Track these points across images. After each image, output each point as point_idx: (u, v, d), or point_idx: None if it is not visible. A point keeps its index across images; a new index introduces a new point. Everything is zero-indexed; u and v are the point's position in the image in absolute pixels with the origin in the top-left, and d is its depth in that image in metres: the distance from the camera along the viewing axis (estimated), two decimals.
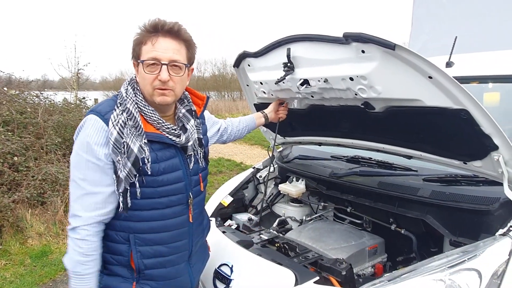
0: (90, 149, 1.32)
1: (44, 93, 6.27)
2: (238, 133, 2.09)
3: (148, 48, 1.35)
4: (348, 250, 1.95)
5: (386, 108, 1.72)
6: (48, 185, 4.67)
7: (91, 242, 1.34)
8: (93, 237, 1.35)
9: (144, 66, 1.35)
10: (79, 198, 1.34)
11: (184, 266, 1.53)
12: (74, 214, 1.34)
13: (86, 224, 1.33)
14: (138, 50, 1.38)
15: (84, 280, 1.35)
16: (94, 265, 1.37)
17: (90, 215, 1.33)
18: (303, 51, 1.75)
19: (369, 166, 2.30)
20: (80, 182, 1.33)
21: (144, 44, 1.36)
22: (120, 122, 1.32)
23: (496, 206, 1.61)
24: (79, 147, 1.34)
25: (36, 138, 5.03)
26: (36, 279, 3.60)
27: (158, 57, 1.34)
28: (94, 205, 1.33)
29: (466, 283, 1.27)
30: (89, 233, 1.34)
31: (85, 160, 1.32)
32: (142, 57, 1.36)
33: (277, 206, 2.73)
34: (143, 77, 1.37)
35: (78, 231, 1.33)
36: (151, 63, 1.35)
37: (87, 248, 1.34)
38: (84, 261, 1.34)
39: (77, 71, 9.91)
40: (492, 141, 1.47)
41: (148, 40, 1.36)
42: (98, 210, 1.34)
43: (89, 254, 1.34)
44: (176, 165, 1.44)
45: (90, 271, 1.36)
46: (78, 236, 1.33)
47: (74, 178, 1.35)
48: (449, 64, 2.35)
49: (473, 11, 3.31)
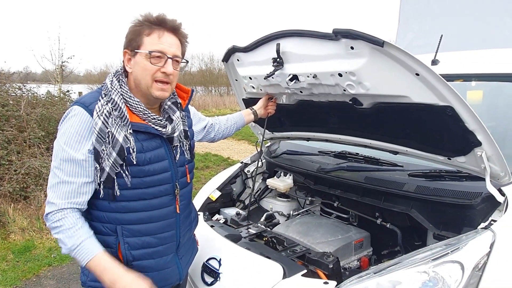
0: (70, 140, 1.33)
1: (26, 85, 6.11)
2: (226, 131, 2.10)
3: (154, 40, 1.37)
4: (335, 244, 1.98)
5: (373, 104, 1.74)
6: (31, 179, 4.58)
7: (68, 218, 1.33)
8: (69, 214, 1.34)
9: (150, 57, 1.37)
10: (53, 185, 1.35)
11: (172, 257, 1.54)
12: (48, 201, 1.35)
13: (60, 209, 1.33)
14: (138, 40, 1.38)
15: (83, 248, 1.33)
16: (83, 233, 1.34)
17: (63, 202, 1.34)
18: (292, 46, 1.76)
19: (356, 161, 2.33)
20: (56, 170, 1.35)
21: (147, 35, 1.38)
22: (104, 112, 1.33)
23: (478, 201, 1.65)
24: (60, 136, 1.35)
25: (18, 131, 4.92)
26: (19, 275, 3.54)
27: (165, 50, 1.38)
28: (67, 193, 1.34)
29: (449, 275, 1.30)
30: (64, 214, 1.33)
31: (63, 151, 1.33)
32: (145, 47, 1.37)
33: (265, 200, 2.74)
34: (144, 67, 1.38)
35: (53, 216, 1.33)
36: (158, 55, 1.37)
37: (67, 223, 1.32)
38: (70, 234, 1.32)
39: (61, 64, 9.71)
40: (475, 137, 1.51)
41: (152, 32, 1.38)
42: (71, 199, 1.35)
43: (71, 227, 1.33)
44: (162, 155, 1.46)
45: (82, 238, 1.33)
46: (54, 219, 1.33)
47: (52, 167, 1.37)
48: (435, 62, 2.39)
49: (458, 10, 3.37)
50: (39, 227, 4.35)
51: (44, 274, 3.61)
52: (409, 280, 1.33)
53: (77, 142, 1.33)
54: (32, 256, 3.89)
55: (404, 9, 3.84)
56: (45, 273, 3.63)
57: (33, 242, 4.12)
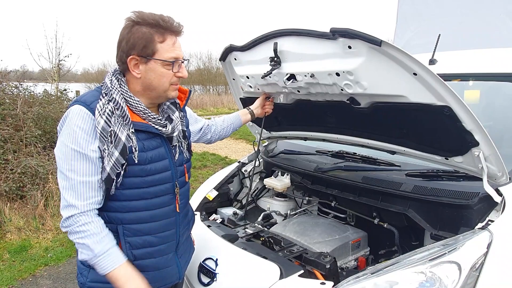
0: (78, 139, 1.31)
1: (23, 84, 6.08)
2: (223, 132, 2.10)
3: (168, 46, 1.38)
4: (332, 243, 1.98)
5: (371, 104, 1.74)
6: (28, 178, 4.56)
7: (94, 223, 1.33)
8: (94, 218, 1.34)
9: (167, 64, 1.39)
10: (69, 188, 1.32)
11: (172, 256, 1.54)
12: (68, 205, 1.32)
13: (83, 212, 1.32)
14: (152, 47, 1.36)
15: (110, 256, 1.33)
16: (110, 240, 1.35)
17: (84, 203, 1.32)
18: (290, 45, 1.75)
19: (354, 161, 2.33)
20: (69, 173, 1.32)
21: (161, 42, 1.37)
22: (107, 111, 1.32)
23: (475, 201, 1.65)
24: (65, 137, 1.33)
25: (15, 130, 4.90)
26: (15, 274, 3.53)
27: (179, 56, 1.42)
28: (86, 194, 1.33)
29: (446, 275, 1.30)
30: (88, 218, 1.33)
31: (73, 151, 1.31)
32: (160, 55, 1.37)
33: (262, 200, 2.74)
34: (162, 74, 1.40)
35: (76, 219, 1.32)
36: (179, 62, 1.42)
37: (94, 227, 1.32)
38: (99, 239, 1.32)
39: (58, 62, 9.66)
40: (473, 137, 1.51)
41: (166, 38, 1.38)
42: (91, 198, 1.34)
43: (99, 232, 1.33)
44: (163, 154, 1.46)
45: (110, 245, 1.34)
46: (78, 223, 1.32)
47: (62, 170, 1.33)
48: (432, 61, 2.39)
49: (456, 10, 3.37)
50: (36, 226, 4.34)
51: (41, 274, 3.60)
52: (406, 281, 1.32)
53: (85, 141, 1.31)
54: (29, 255, 3.87)
55: (402, 9, 3.84)
56: (41, 273, 3.61)
57: (30, 242, 4.10)
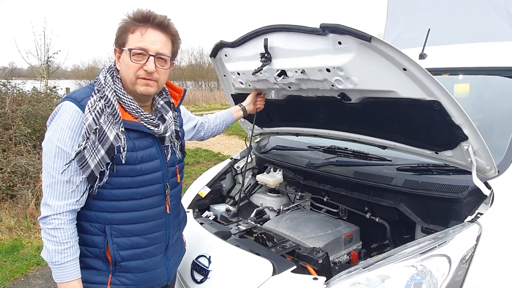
0: (63, 137, 1.29)
1: (11, 81, 6.00)
2: (215, 129, 2.10)
3: (137, 37, 1.35)
4: (325, 238, 1.99)
5: (362, 99, 1.74)
6: (18, 177, 4.51)
7: (64, 230, 1.32)
8: (66, 225, 1.32)
9: (131, 54, 1.35)
10: (48, 186, 1.31)
11: (161, 258, 1.52)
12: (44, 203, 1.32)
13: (57, 213, 1.31)
14: (124, 37, 1.37)
15: (65, 269, 1.33)
16: (72, 253, 1.34)
17: (60, 204, 1.31)
18: (280, 41, 1.74)
19: (345, 156, 2.34)
20: (50, 170, 1.31)
21: (131, 32, 1.36)
22: (97, 109, 1.30)
23: (465, 194, 1.67)
24: (52, 134, 1.31)
25: (3, 129, 4.83)
26: (7, 275, 3.49)
27: (146, 48, 1.35)
28: (63, 193, 1.31)
29: (437, 268, 1.32)
30: (62, 222, 1.31)
31: (57, 148, 1.29)
32: (128, 45, 1.36)
33: (255, 196, 2.74)
34: (128, 65, 1.37)
35: (50, 221, 1.31)
36: (139, 52, 1.35)
37: (62, 236, 1.31)
38: (60, 250, 1.31)
39: (47, 59, 9.53)
40: (462, 132, 1.52)
41: (136, 29, 1.36)
42: (68, 199, 1.32)
43: (65, 242, 1.32)
44: (154, 154, 1.44)
45: (69, 259, 1.33)
46: (50, 225, 1.31)
47: (45, 166, 1.32)
48: (423, 56, 2.40)
49: (445, 5, 3.38)
50: (27, 226, 4.29)
51: (33, 274, 3.57)
52: (398, 274, 1.34)
53: (70, 138, 1.30)
54: (20, 255, 3.83)
55: (392, 3, 3.84)
56: (33, 273, 3.58)
57: (21, 242, 4.06)
